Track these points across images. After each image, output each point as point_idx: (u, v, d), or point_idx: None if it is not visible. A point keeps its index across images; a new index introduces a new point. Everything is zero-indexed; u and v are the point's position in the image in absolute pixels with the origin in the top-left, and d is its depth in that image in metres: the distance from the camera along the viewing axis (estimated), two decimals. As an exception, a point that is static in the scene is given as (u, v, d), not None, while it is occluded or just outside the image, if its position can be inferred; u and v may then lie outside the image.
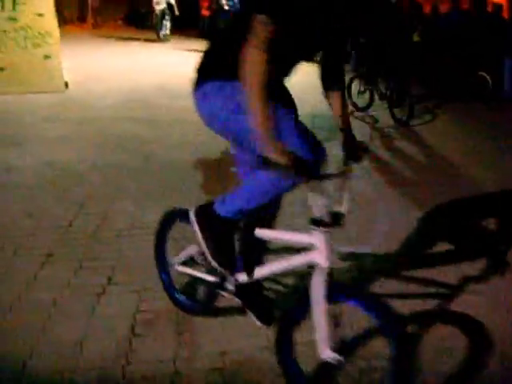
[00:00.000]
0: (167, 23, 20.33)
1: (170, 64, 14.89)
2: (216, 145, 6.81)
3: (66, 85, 10.51)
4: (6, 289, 3.57)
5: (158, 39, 20.41)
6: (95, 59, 15.72)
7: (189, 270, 3.18)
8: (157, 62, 15.07)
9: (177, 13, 20.59)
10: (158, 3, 20.18)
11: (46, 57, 10.87)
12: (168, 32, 20.61)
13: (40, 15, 11.69)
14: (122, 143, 7.01)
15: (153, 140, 7.16)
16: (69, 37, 11.97)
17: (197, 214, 2.80)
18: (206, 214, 2.77)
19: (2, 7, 11.66)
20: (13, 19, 11.42)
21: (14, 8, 11.69)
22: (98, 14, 28.40)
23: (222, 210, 2.71)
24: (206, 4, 23.02)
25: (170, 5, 20.93)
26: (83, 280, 3.69)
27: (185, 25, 24.65)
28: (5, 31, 11.07)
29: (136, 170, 5.98)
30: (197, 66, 2.58)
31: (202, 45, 15.08)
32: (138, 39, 21.56)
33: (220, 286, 2.98)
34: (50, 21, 11.68)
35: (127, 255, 4.04)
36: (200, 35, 22.56)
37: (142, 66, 14.25)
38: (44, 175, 5.76)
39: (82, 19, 28.13)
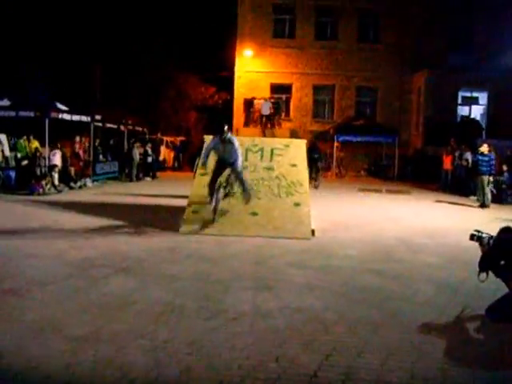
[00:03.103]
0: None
1: (411, 216, 14.91)
2: (459, 306, 6.57)
3: (313, 232, 10.94)
4: None
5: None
6: (338, 207, 16.35)
7: None
8: (398, 214, 15.19)
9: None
10: None
11: (296, 204, 11.54)
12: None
13: (293, 166, 12.64)
14: (366, 296, 6.99)
15: (398, 296, 7.05)
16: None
17: None
18: None
19: (261, 158, 12.84)
20: (270, 169, 12.48)
21: (271, 159, 12.82)
22: (341, 164, 29.94)
23: None
24: (448, 159, 23.14)
25: None
26: None
27: (425, 179, 24.90)
28: (262, 179, 12.07)
29: (382, 325, 5.88)
30: None
31: (443, 197, 15.07)
32: (379, 190, 22.10)
33: None
34: (302, 171, 12.56)
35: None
36: (440, 188, 22.55)
37: (383, 217, 14.45)
38: (292, 321, 5.91)
39: (326, 169, 29.84)
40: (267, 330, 5.58)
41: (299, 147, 13.10)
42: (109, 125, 25.04)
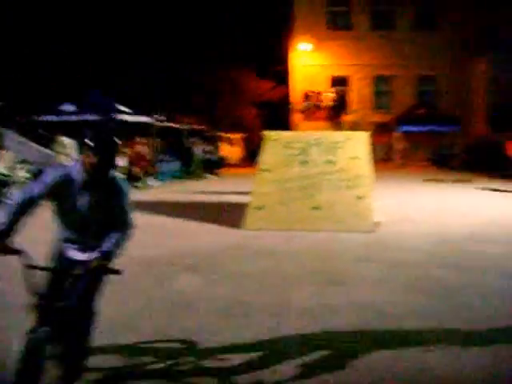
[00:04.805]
0: None
1: (478, 206, 14.54)
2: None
3: (377, 225, 10.79)
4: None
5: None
6: (402, 199, 16.08)
7: None
8: (465, 204, 14.85)
9: None
10: None
11: (359, 198, 11.40)
12: None
13: (355, 159, 12.45)
14: (435, 290, 6.84)
15: (468, 289, 6.86)
16: (376, 176, 12.42)
17: None
18: None
19: (322, 151, 12.72)
20: (331, 162, 12.35)
21: (332, 152, 12.68)
22: (403, 155, 29.46)
23: None
24: (512, 146, 22.45)
25: None
26: None
27: (491, 167, 24.24)
28: (323, 173, 11.97)
29: (453, 319, 5.74)
30: None
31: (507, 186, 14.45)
32: (444, 180, 21.63)
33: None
34: (364, 164, 12.34)
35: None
36: (504, 176, 21.88)
37: (449, 208, 14.15)
38: (365, 318, 5.81)
39: (387, 159, 29.42)
40: (336, 326, 5.54)
41: (361, 140, 12.92)
42: (169, 124, 25.38)
